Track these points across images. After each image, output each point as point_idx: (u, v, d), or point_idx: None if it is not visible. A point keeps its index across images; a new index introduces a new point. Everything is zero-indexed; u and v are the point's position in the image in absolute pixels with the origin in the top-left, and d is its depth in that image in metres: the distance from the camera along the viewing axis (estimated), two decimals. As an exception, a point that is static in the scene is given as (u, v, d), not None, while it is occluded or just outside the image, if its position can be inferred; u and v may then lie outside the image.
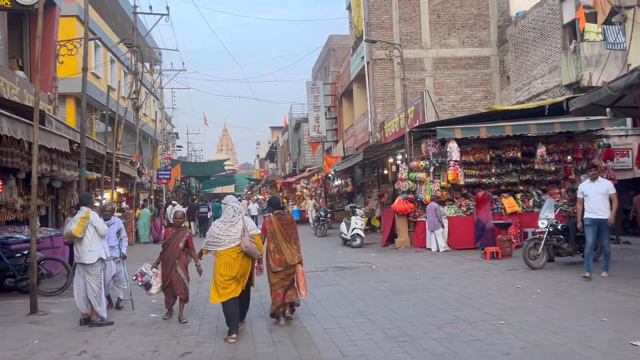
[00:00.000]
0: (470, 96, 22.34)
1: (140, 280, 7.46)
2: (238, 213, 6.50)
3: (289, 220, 7.10)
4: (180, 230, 7.53)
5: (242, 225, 6.39)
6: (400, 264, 12.19)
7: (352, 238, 16.44)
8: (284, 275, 6.84)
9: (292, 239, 6.96)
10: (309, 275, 11.20)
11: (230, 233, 6.32)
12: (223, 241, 6.30)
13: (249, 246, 6.26)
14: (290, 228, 7.00)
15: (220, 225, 6.43)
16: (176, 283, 7.30)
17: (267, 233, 6.89)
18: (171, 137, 60.77)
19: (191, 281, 7.70)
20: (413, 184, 15.67)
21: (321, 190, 32.04)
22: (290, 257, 6.82)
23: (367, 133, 22.18)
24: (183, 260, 7.42)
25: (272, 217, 7.07)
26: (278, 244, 6.82)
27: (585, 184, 9.51)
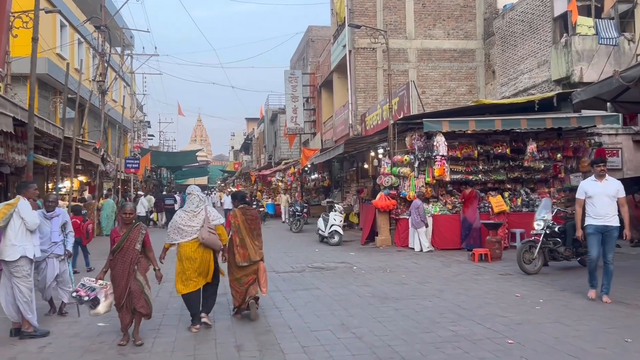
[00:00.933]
0: (454, 90, 21.56)
1: (86, 296, 5.75)
2: (202, 203, 6.45)
3: (253, 215, 7.01)
4: (133, 228, 5.99)
5: (204, 216, 6.31)
6: (382, 264, 11.27)
7: (330, 235, 15.47)
8: (248, 271, 6.77)
9: (255, 234, 6.91)
10: (284, 276, 10.20)
11: (192, 224, 6.26)
12: (185, 232, 6.24)
13: (206, 238, 6.18)
14: (254, 224, 6.95)
15: (182, 215, 6.36)
16: (137, 294, 5.77)
17: (232, 227, 6.79)
18: (142, 125, 58.91)
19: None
20: (396, 179, 14.78)
21: (297, 184, 31.00)
22: (253, 253, 6.76)
23: (347, 125, 21.23)
24: (143, 265, 5.99)
25: (236, 211, 6.94)
26: (242, 238, 6.75)
27: (589, 183, 7.67)
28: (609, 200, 7.43)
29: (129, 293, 5.77)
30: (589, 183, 7.69)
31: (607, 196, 7.43)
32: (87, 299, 5.73)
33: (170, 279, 7.41)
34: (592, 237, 7.48)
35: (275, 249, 14.95)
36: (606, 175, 7.59)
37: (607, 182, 7.54)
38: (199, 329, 6.21)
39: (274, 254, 13.74)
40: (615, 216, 7.39)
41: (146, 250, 6.07)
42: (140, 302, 5.78)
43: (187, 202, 6.56)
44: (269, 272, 10.68)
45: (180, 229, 6.28)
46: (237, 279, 6.74)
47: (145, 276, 5.95)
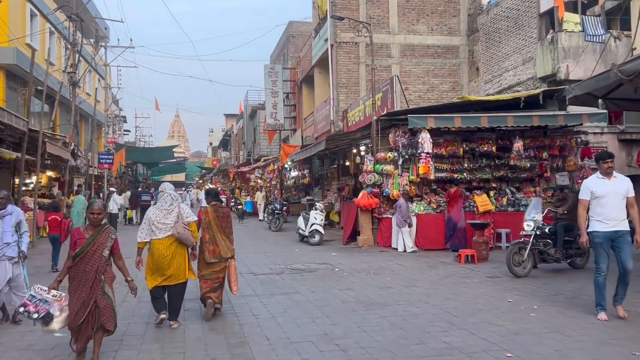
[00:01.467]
0: (438, 87, 21.18)
1: (35, 312, 4.87)
2: (175, 200, 6.42)
3: (225, 213, 6.99)
4: (101, 231, 5.12)
5: (177, 213, 6.32)
6: (365, 266, 10.77)
7: (311, 234, 14.93)
8: (218, 267, 6.76)
9: (226, 232, 6.90)
10: (263, 278, 9.63)
11: (166, 221, 6.24)
12: (159, 229, 6.21)
13: (181, 232, 6.18)
14: (225, 221, 6.93)
15: (156, 212, 6.33)
16: (105, 309, 4.99)
17: (203, 223, 6.78)
18: (118, 120, 57.57)
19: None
20: (379, 177, 14.30)
21: (277, 182, 30.38)
22: (224, 250, 6.76)
23: (329, 121, 20.69)
24: (110, 275, 5.20)
25: (208, 207, 6.95)
26: (213, 235, 6.75)
27: (595, 181, 6.55)
28: (619, 201, 6.39)
29: (95, 309, 4.95)
30: (596, 181, 6.56)
31: (618, 196, 6.39)
32: (37, 316, 4.83)
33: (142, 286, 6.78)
34: (600, 247, 6.37)
35: (253, 248, 14.36)
36: (614, 172, 6.54)
37: (616, 180, 6.49)
38: (165, 316, 6.26)
39: (252, 254, 13.16)
40: (625, 220, 6.41)
41: (115, 258, 5.28)
42: (108, 318, 5.03)
43: (160, 200, 6.51)
44: (247, 274, 10.14)
45: (155, 226, 6.24)
46: (205, 275, 6.75)
47: (112, 287, 5.20)
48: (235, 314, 6.97)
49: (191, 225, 6.39)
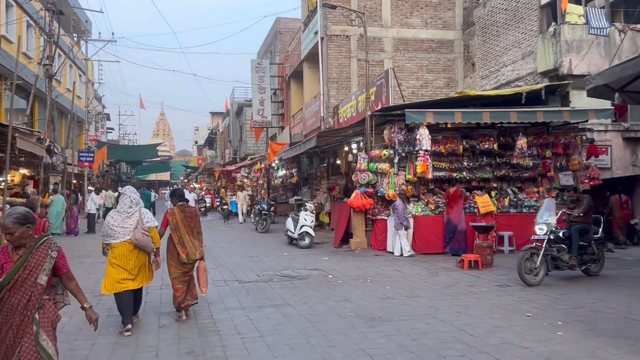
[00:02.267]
0: (432, 83, 20.39)
1: None
2: (135, 204, 6.30)
3: (192, 213, 6.83)
4: (35, 249, 3.54)
5: (137, 217, 6.19)
6: (361, 272, 9.90)
7: (300, 237, 14.03)
8: (187, 269, 6.63)
9: (195, 232, 6.74)
10: (249, 287, 8.72)
11: (125, 225, 6.13)
12: (118, 233, 6.10)
13: (139, 239, 6.06)
14: (193, 221, 6.76)
15: (115, 216, 6.21)
16: None
17: (170, 225, 6.62)
18: (101, 117, 56.16)
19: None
20: (373, 176, 13.45)
21: (264, 181, 29.42)
22: (192, 252, 6.57)
23: (319, 118, 19.80)
24: (49, 314, 3.59)
25: (175, 209, 6.76)
26: (181, 236, 6.58)
27: None
28: None
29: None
30: None
31: None
32: None
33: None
34: None
35: (239, 252, 13.42)
36: None
37: None
38: (130, 330, 5.96)
39: (238, 258, 12.23)
40: None
41: (63, 280, 3.76)
42: None
43: (120, 203, 6.41)
44: (232, 282, 9.22)
45: (114, 229, 6.11)
46: (176, 277, 6.61)
47: (53, 335, 3.58)
48: (217, 332, 6.06)
49: (152, 230, 6.28)
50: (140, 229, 6.12)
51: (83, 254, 12.87)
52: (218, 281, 9.30)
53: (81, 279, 9.80)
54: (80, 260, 11.79)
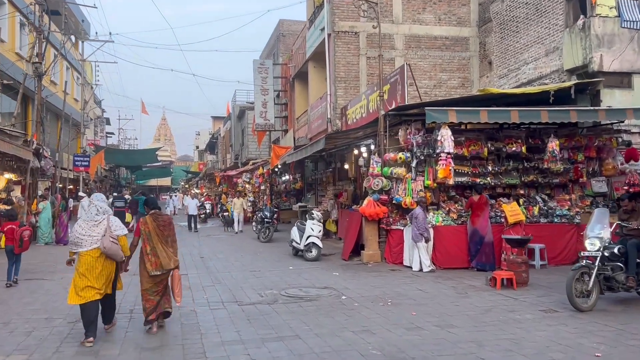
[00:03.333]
0: (446, 82, 19.16)
1: None
2: (102, 213, 6.21)
3: (165, 221, 6.64)
4: None
5: (105, 225, 6.11)
6: (379, 292, 8.63)
7: (307, 248, 12.77)
8: (159, 279, 6.40)
9: (168, 241, 6.55)
10: (250, 311, 7.45)
11: (92, 233, 6.04)
12: (85, 241, 6.01)
13: (107, 247, 5.97)
14: (167, 230, 6.57)
15: (82, 224, 6.12)
16: None
17: (142, 234, 6.42)
18: (100, 121, 55.08)
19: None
20: (387, 181, 12.20)
21: (266, 186, 28.20)
22: (166, 261, 6.37)
23: (325, 120, 18.58)
24: None
25: (147, 218, 6.55)
26: (154, 246, 6.38)
27: None
28: None
29: None
30: None
31: None
32: None
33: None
34: None
35: (239, 264, 12.17)
36: None
37: None
38: (92, 342, 5.85)
39: (238, 272, 10.97)
40: None
41: None
42: None
43: (86, 211, 6.21)
44: (230, 304, 7.96)
45: (81, 238, 6.01)
46: (147, 289, 6.38)
47: None
48: (210, 378, 4.80)
49: (120, 239, 6.17)
50: (108, 236, 6.01)
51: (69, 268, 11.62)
52: (215, 302, 8.04)
53: (61, 295, 8.57)
54: (63, 275, 10.54)
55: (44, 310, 7.52)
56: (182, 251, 15.03)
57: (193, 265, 12.29)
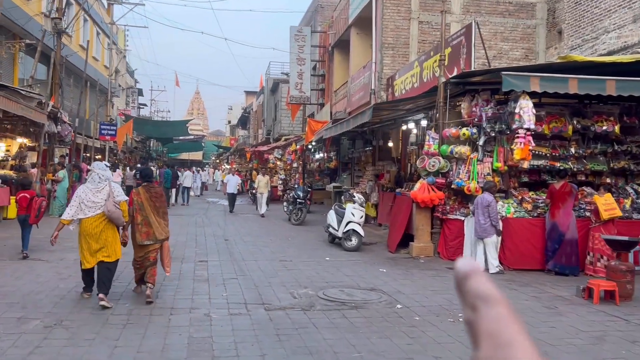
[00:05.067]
0: (507, 54, 16.91)
1: None
2: (104, 180, 6.34)
3: (157, 193, 6.76)
4: None
5: (108, 191, 6.24)
6: (442, 300, 6.79)
7: (346, 236, 11.00)
8: (151, 249, 6.44)
9: (160, 212, 6.63)
10: (280, 318, 5.69)
11: (95, 199, 6.17)
12: (88, 207, 6.12)
13: (111, 210, 6.11)
14: (159, 201, 6.68)
15: (85, 190, 6.27)
16: None
17: (135, 205, 6.47)
18: (132, 91, 54.20)
19: None
20: (445, 162, 10.28)
21: (298, 164, 26.48)
22: (159, 231, 6.48)
23: (368, 91, 16.61)
24: None
25: (140, 188, 6.67)
26: (146, 216, 6.45)
27: None
28: None
29: None
30: None
31: None
32: None
33: None
34: None
35: (267, 251, 10.49)
36: None
37: None
38: (90, 295, 6.20)
39: (266, 261, 9.29)
40: None
41: None
42: None
43: (89, 178, 6.48)
44: (254, 306, 6.24)
45: (84, 204, 6.14)
46: (138, 257, 6.47)
47: None
48: None
49: (122, 204, 6.27)
50: (111, 201, 6.15)
51: (71, 248, 10.13)
52: (236, 304, 6.35)
53: (49, 284, 7.06)
54: (63, 255, 9.04)
55: (20, 306, 5.95)
56: (205, 231, 13.49)
57: (215, 249, 10.68)
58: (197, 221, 15.94)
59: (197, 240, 11.87)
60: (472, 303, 0.29)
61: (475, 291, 0.30)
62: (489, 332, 0.26)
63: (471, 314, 0.29)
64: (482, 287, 0.30)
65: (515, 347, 0.23)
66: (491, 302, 0.28)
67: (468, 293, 0.31)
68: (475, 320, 0.28)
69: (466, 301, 0.30)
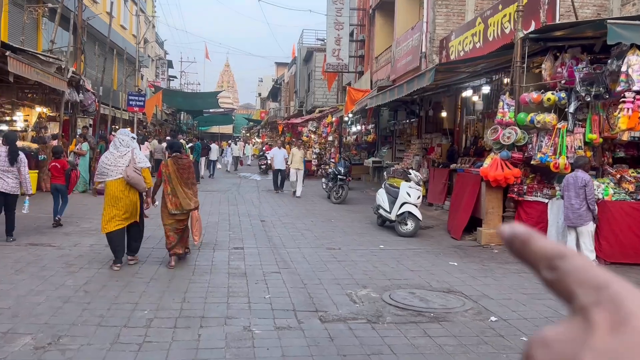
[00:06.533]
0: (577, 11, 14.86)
1: None
2: (125, 145, 6.52)
3: (185, 164, 6.92)
4: None
5: (130, 157, 6.44)
6: (544, 309, 5.28)
7: (401, 219, 9.51)
8: (179, 218, 6.67)
9: (188, 183, 6.83)
10: (340, 332, 4.19)
11: (118, 164, 6.39)
12: (111, 171, 6.37)
13: (131, 176, 6.33)
14: (187, 173, 6.86)
15: (109, 156, 6.51)
16: None
17: (163, 176, 6.73)
18: (161, 63, 53.20)
19: None
20: (523, 132, 8.65)
21: (334, 137, 24.97)
22: (186, 202, 6.66)
23: (417, 55, 14.87)
24: None
25: (168, 160, 6.90)
26: (174, 187, 6.67)
27: None
28: None
29: None
30: None
31: None
32: None
33: None
34: None
35: (310, 236, 9.10)
36: None
37: None
38: (120, 268, 6.25)
39: (311, 249, 7.91)
40: None
41: None
42: None
43: (112, 144, 6.74)
44: (305, 315, 4.82)
45: (108, 168, 6.38)
46: (167, 224, 6.64)
47: None
48: None
49: (144, 170, 6.51)
50: (132, 167, 6.35)
51: (88, 231, 8.93)
52: (282, 312, 4.98)
53: (53, 281, 5.83)
54: (77, 239, 7.83)
55: (10, 313, 4.68)
56: (239, 210, 12.19)
57: (251, 232, 9.35)
58: (230, 198, 14.68)
59: (230, 221, 10.57)
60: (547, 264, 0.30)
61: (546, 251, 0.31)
62: (581, 281, 0.28)
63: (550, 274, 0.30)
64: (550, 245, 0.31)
65: (614, 284, 0.26)
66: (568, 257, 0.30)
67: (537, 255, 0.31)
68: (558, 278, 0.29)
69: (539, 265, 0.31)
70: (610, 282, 0.29)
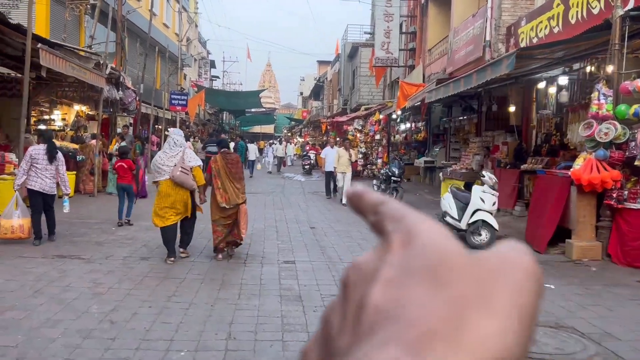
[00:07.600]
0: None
1: None
2: (178, 146, 6.74)
3: (234, 160, 7.18)
4: None
5: (180, 157, 6.61)
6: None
7: (473, 229, 8.28)
8: (228, 213, 6.85)
9: (236, 178, 7.03)
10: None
11: (169, 163, 6.58)
12: (163, 171, 6.59)
13: (176, 176, 6.50)
14: (235, 167, 7.10)
15: (162, 155, 6.74)
16: None
17: (213, 171, 6.96)
18: (204, 62, 53.08)
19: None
20: (623, 128, 7.28)
21: (382, 136, 23.74)
22: (233, 197, 6.87)
23: (480, 45, 13.52)
24: None
25: (217, 156, 7.11)
26: (223, 182, 6.89)
27: None
28: None
29: None
30: None
31: None
32: None
33: None
34: None
35: (368, 247, 7.74)
36: None
37: None
38: (173, 261, 6.48)
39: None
40: None
41: None
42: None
43: (165, 144, 6.99)
44: None
45: (160, 168, 6.60)
46: (216, 220, 6.87)
47: None
48: None
49: (194, 169, 6.72)
50: (179, 167, 6.52)
51: (123, 241, 8.09)
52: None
53: (73, 309, 4.90)
54: (111, 251, 6.98)
55: (9, 357, 3.76)
56: (286, 215, 11.18)
57: (302, 242, 8.31)
58: (275, 201, 13.72)
59: (277, 227, 9.57)
60: (373, 210, 0.36)
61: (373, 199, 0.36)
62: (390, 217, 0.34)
63: (374, 217, 0.36)
64: (376, 195, 0.37)
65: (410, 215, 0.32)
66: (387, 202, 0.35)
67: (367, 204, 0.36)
68: (377, 219, 0.35)
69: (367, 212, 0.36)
70: (407, 214, 0.34)
